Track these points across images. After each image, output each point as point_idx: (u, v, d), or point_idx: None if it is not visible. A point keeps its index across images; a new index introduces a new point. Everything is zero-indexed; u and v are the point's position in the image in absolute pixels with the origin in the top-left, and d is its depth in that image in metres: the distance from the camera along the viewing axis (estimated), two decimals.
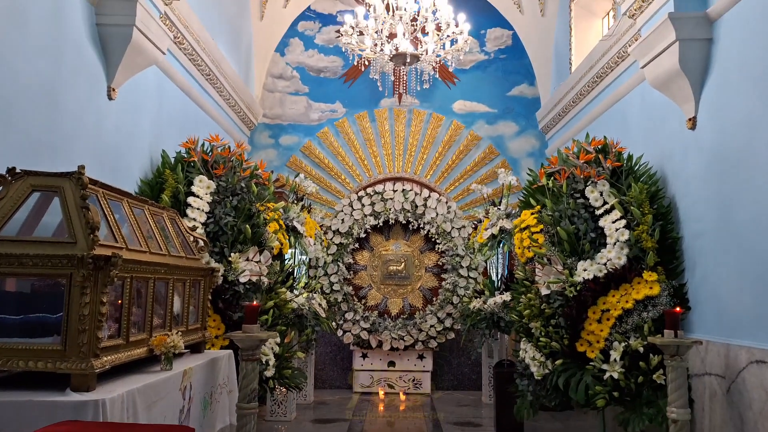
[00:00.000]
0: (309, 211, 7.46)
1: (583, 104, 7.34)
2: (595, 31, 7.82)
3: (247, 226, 5.57)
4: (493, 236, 6.76)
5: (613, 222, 5.11)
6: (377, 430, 6.84)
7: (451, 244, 8.65)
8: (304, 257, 7.51)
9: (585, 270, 5.14)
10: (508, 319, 6.51)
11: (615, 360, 4.93)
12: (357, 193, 8.89)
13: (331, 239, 8.67)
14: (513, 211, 6.75)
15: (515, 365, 6.68)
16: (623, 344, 4.91)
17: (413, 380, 8.81)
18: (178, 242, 4.36)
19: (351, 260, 8.85)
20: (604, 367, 4.96)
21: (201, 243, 4.77)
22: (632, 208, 5.01)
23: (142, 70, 5.03)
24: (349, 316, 8.69)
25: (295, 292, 6.85)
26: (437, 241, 8.78)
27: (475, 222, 8.26)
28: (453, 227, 8.68)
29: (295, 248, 6.99)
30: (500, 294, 6.93)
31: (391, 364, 8.83)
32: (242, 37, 8.59)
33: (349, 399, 8.42)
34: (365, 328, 8.67)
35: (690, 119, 4.78)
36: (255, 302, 4.42)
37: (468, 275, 8.57)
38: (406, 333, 8.63)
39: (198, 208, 5.38)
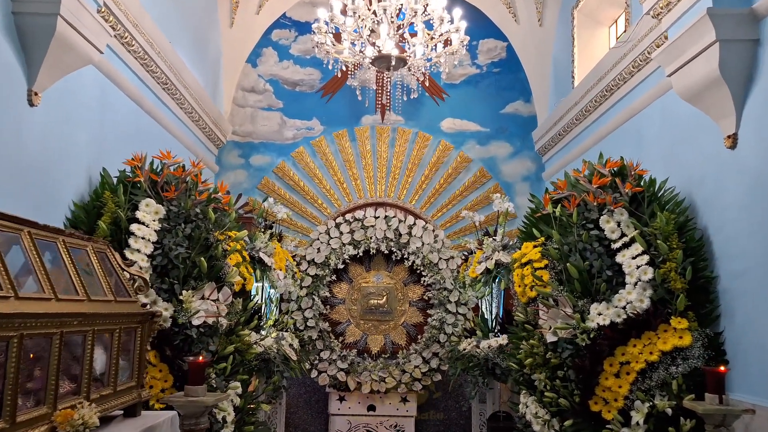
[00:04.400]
0: (280, 240, 6.62)
1: (587, 122, 6.60)
2: (601, 41, 7.11)
3: (202, 258, 4.71)
4: (487, 270, 5.95)
5: (634, 258, 4.35)
6: None
7: (438, 276, 7.83)
8: (274, 292, 6.65)
9: (600, 314, 4.38)
10: (505, 365, 5.70)
11: (638, 423, 4.15)
12: (335, 220, 8.06)
13: (306, 270, 7.83)
14: (511, 242, 5.96)
15: (512, 419, 5.90)
16: (647, 404, 4.14)
17: (395, 426, 7.93)
18: (107, 282, 3.49)
19: (328, 293, 8.00)
20: (624, 431, 4.20)
21: (139, 281, 3.91)
22: (657, 241, 4.24)
23: (73, 72, 4.19)
24: (324, 355, 7.81)
25: (263, 332, 6.00)
26: (423, 273, 7.95)
27: (465, 253, 7.48)
28: (440, 258, 7.87)
29: (263, 282, 6.14)
30: (495, 336, 6.11)
31: (371, 408, 7.94)
32: (209, 45, 7.77)
33: None
34: (343, 369, 7.79)
35: (729, 136, 4.03)
36: (201, 357, 3.55)
37: (457, 311, 7.75)
38: (388, 374, 7.76)
39: (143, 238, 4.52)
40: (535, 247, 5.00)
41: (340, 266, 7.98)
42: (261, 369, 5.78)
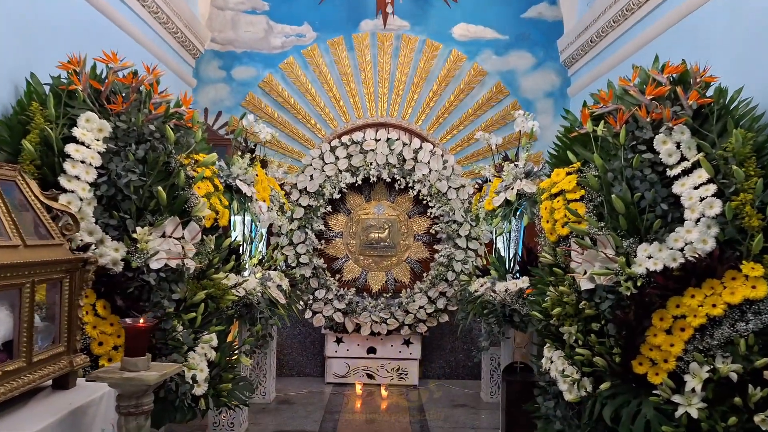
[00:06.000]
0: (264, 166, 5.73)
1: (627, 25, 5.58)
2: None
3: (160, 188, 3.83)
4: (507, 202, 5.08)
5: (696, 187, 3.47)
6: None
7: (447, 207, 7.05)
8: (258, 226, 5.82)
9: (650, 257, 3.53)
10: (526, 312, 4.91)
11: (693, 390, 3.35)
12: (330, 143, 7.21)
13: (297, 201, 7.01)
14: (536, 169, 5.07)
15: (532, 372, 5.17)
16: (707, 368, 3.35)
17: (397, 369, 7.30)
18: (11, 221, 2.64)
19: (322, 226, 7.22)
20: (676, 398, 3.40)
21: (65, 218, 3.05)
22: (732, 167, 3.34)
23: None
24: (320, 294, 7.10)
25: (245, 273, 5.20)
26: (429, 203, 7.17)
27: (479, 181, 6.65)
28: (450, 187, 7.07)
29: (243, 216, 5.29)
30: (514, 278, 5.30)
31: (372, 350, 7.31)
32: None
33: (319, 394, 6.91)
34: (340, 309, 7.10)
35: None
36: (142, 320, 2.71)
37: (467, 247, 7.01)
38: (390, 315, 7.08)
39: (83, 162, 3.63)
40: (569, 174, 4.13)
41: (336, 196, 7.23)
42: (243, 315, 5.03)
